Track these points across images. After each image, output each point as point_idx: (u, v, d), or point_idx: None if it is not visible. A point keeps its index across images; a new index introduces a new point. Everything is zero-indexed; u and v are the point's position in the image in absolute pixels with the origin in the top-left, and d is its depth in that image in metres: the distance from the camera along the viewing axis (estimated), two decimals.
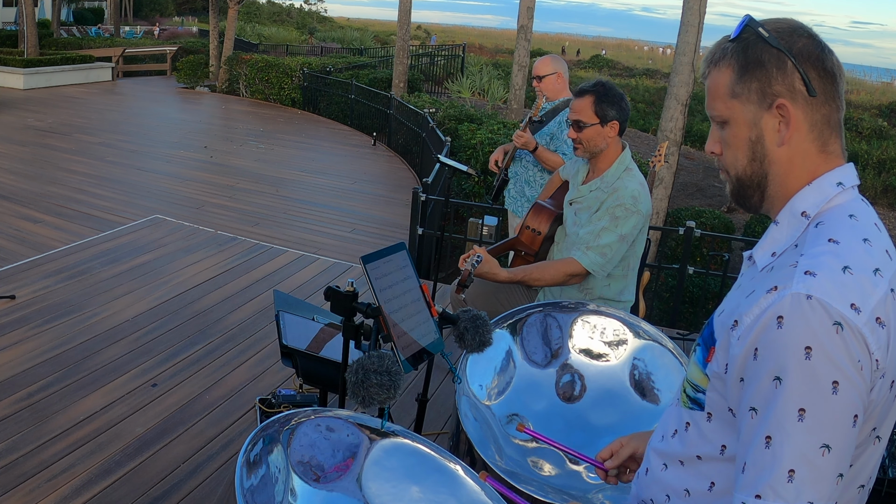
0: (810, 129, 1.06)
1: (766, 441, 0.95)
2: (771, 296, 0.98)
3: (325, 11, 46.76)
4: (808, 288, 0.95)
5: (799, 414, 0.93)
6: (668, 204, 8.83)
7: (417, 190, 5.38)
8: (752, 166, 1.11)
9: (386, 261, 1.75)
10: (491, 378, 2.18)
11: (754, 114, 1.08)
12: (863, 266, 0.98)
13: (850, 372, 0.92)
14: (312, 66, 15.34)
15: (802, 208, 1.07)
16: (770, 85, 1.06)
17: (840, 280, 0.95)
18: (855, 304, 0.94)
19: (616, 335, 2.29)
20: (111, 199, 6.99)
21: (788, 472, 0.93)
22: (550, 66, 3.91)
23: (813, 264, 0.98)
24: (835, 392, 0.92)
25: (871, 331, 0.94)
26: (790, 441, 0.93)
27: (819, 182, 1.07)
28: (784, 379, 0.94)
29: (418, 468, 1.64)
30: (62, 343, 3.66)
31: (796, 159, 1.08)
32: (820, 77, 1.05)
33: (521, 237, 3.01)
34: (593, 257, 2.57)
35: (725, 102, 1.10)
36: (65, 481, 2.62)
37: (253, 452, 1.40)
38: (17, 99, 13.20)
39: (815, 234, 1.04)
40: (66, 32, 24.09)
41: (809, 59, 1.05)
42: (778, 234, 1.09)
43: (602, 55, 34.86)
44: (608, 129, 2.63)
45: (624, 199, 2.57)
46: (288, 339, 2.41)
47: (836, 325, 0.92)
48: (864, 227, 1.04)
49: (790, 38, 1.06)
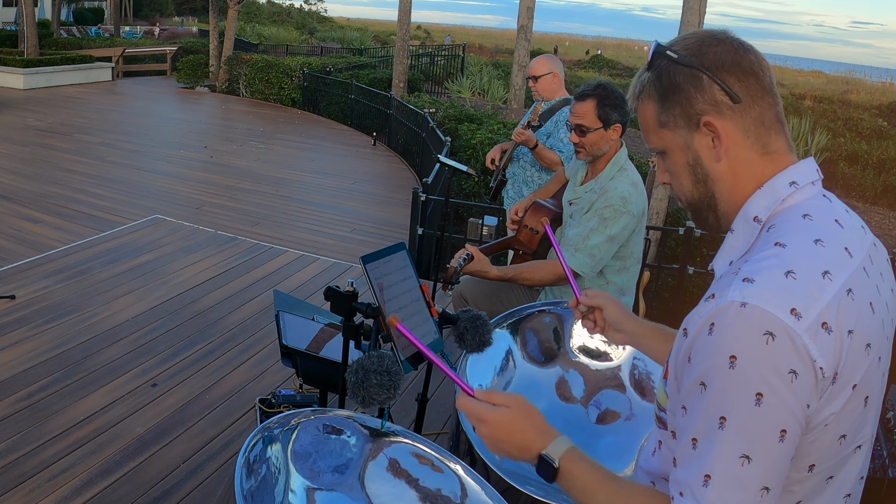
0: (744, 135, 1.03)
1: (692, 442, 0.95)
2: (709, 303, 0.96)
3: (325, 11, 46.81)
4: (744, 295, 0.92)
5: (720, 422, 0.91)
6: (668, 204, 8.82)
7: (417, 190, 5.38)
8: (698, 188, 1.09)
9: (386, 261, 1.75)
10: (491, 378, 2.18)
11: (685, 138, 1.06)
12: (809, 269, 0.94)
13: (777, 385, 0.89)
14: (312, 66, 15.34)
15: (754, 213, 1.04)
16: (691, 105, 1.04)
17: (781, 285, 0.92)
18: (796, 310, 0.90)
19: None
20: (111, 199, 6.99)
21: (704, 477, 0.93)
22: (546, 67, 3.91)
23: (753, 270, 0.95)
24: (758, 404, 0.89)
25: (812, 337, 0.90)
26: (710, 447, 0.92)
27: (770, 184, 1.04)
28: (707, 385, 0.93)
29: (418, 468, 1.65)
30: (62, 343, 3.66)
31: (739, 170, 1.05)
32: (740, 80, 1.02)
33: (520, 236, 3.01)
34: (582, 258, 2.57)
35: (657, 134, 1.09)
36: (65, 481, 2.62)
37: (253, 453, 1.40)
38: (17, 99, 13.20)
39: (764, 239, 1.01)
40: (66, 32, 24.09)
41: (724, 66, 1.02)
42: (734, 241, 1.07)
43: (599, 54, 34.85)
44: (611, 133, 2.62)
45: (612, 200, 2.56)
46: (288, 339, 2.41)
47: (766, 335, 0.89)
48: (819, 226, 1.00)
49: (699, 52, 1.03)
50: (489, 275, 2.56)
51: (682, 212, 8.88)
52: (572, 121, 2.67)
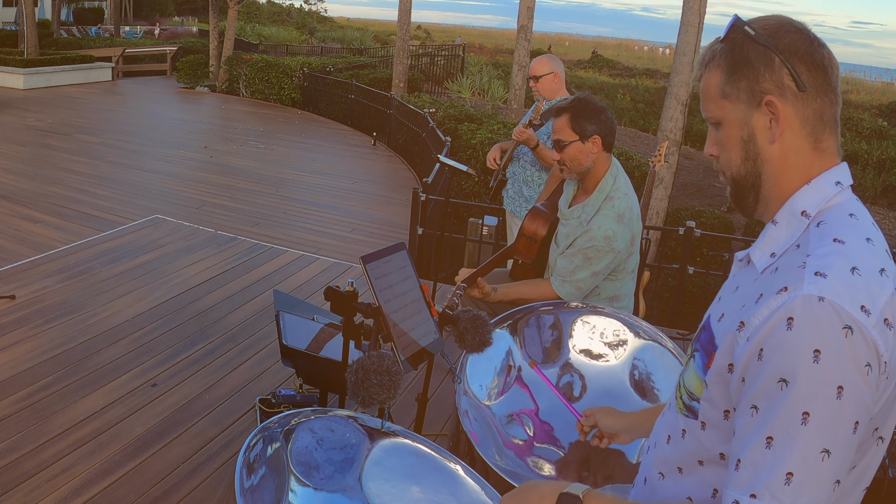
0: (802, 124, 1.05)
1: (766, 441, 0.94)
2: (781, 296, 0.96)
3: (325, 11, 46.74)
4: (820, 289, 0.93)
5: (803, 417, 0.91)
6: (668, 204, 8.82)
7: (417, 190, 5.38)
8: (746, 166, 1.10)
9: (386, 261, 1.75)
10: (491, 378, 2.18)
11: (744, 113, 1.08)
12: (869, 266, 0.97)
13: (856, 377, 0.91)
14: (312, 66, 15.33)
15: (802, 207, 1.05)
16: (758, 83, 1.05)
17: (850, 281, 0.94)
18: (865, 307, 0.92)
19: (616, 335, 2.29)
20: (111, 199, 6.99)
21: (787, 475, 0.92)
22: (547, 67, 3.90)
23: (822, 265, 0.96)
24: (839, 397, 0.91)
25: (880, 332, 0.93)
26: (792, 444, 0.92)
27: (818, 181, 1.06)
28: (791, 381, 0.93)
29: (418, 468, 1.65)
30: (62, 343, 3.66)
31: (789, 156, 1.07)
32: (809, 71, 1.03)
33: (518, 245, 2.97)
34: (569, 289, 2.63)
35: (717, 103, 1.10)
36: (65, 481, 2.62)
37: (253, 452, 1.40)
38: (17, 99, 13.20)
39: (818, 234, 1.02)
40: (66, 32, 24.07)
41: (797, 54, 1.04)
42: (777, 233, 1.07)
43: (596, 53, 34.81)
44: (590, 145, 2.57)
45: (596, 241, 2.55)
46: (288, 339, 2.41)
47: (846, 329, 0.91)
48: (865, 226, 1.03)
49: (777, 34, 1.05)
50: (490, 301, 2.63)
51: (683, 212, 8.89)
52: (552, 137, 2.65)
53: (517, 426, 2.09)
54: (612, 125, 2.62)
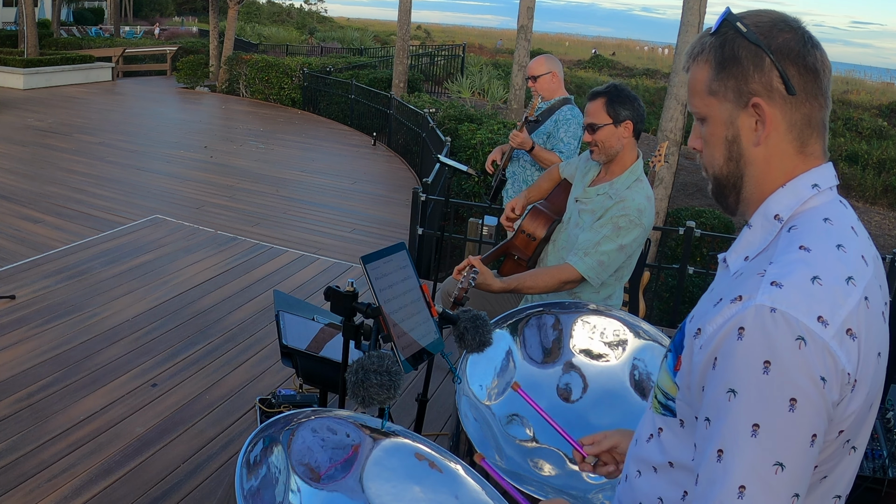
0: (788, 128, 1.02)
1: (717, 454, 0.93)
2: (735, 305, 0.94)
3: (325, 11, 46.75)
4: (773, 300, 0.91)
5: (752, 429, 0.90)
6: (668, 204, 8.83)
7: (417, 190, 5.38)
8: (729, 166, 1.07)
9: (386, 261, 1.75)
10: (491, 378, 2.18)
11: (731, 112, 1.05)
12: (834, 275, 0.94)
13: (810, 389, 0.89)
14: (312, 66, 15.33)
15: (775, 211, 1.03)
16: (746, 83, 1.02)
17: (808, 291, 0.91)
18: (822, 317, 0.90)
19: (616, 335, 2.29)
20: (111, 199, 6.99)
21: (739, 489, 0.90)
22: (545, 66, 3.91)
23: (780, 273, 0.94)
24: (792, 410, 0.88)
25: (839, 344, 0.90)
26: (742, 456, 0.90)
27: (793, 184, 1.03)
28: (739, 392, 0.91)
29: (418, 468, 1.64)
30: (62, 343, 3.66)
31: (773, 160, 1.04)
32: (800, 74, 1.00)
33: (516, 241, 2.98)
34: (590, 263, 2.55)
35: (703, 99, 1.07)
36: (65, 481, 2.62)
37: (253, 453, 1.40)
38: (17, 99, 13.20)
39: (786, 240, 0.99)
40: (66, 32, 24.07)
41: (789, 56, 1.00)
42: (751, 237, 1.05)
43: (595, 53, 34.81)
44: (622, 130, 2.62)
45: (629, 211, 2.56)
46: (288, 339, 2.41)
47: (798, 340, 0.89)
48: (839, 231, 0.99)
49: (769, 33, 1.01)
50: (492, 287, 2.54)
51: (683, 211, 8.89)
52: (585, 121, 2.68)
53: (517, 426, 2.09)
54: (643, 114, 2.67)
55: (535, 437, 2.08)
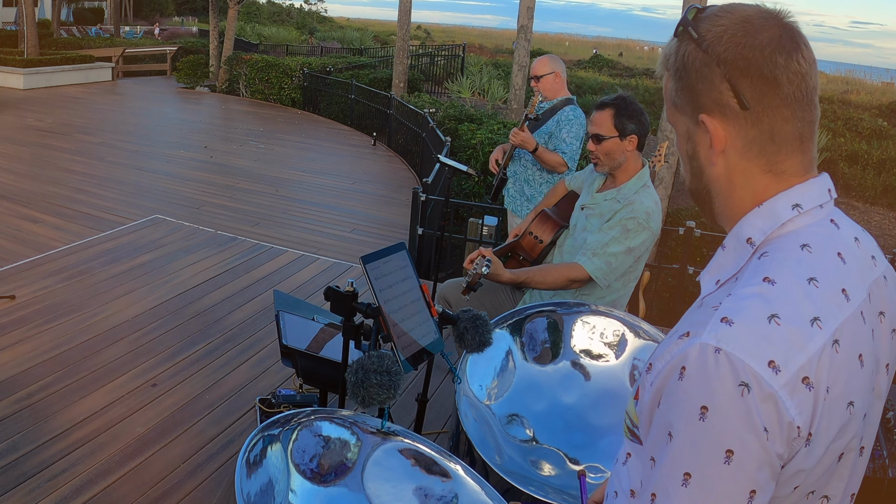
0: (746, 146, 0.91)
1: (651, 498, 0.86)
2: (682, 342, 0.85)
3: (325, 11, 46.73)
4: (719, 339, 0.81)
5: (684, 479, 0.82)
6: (668, 204, 8.83)
7: (417, 190, 5.38)
8: (694, 181, 0.99)
9: (386, 261, 1.75)
10: (491, 378, 2.18)
11: (688, 126, 0.95)
12: (797, 314, 0.82)
13: (750, 441, 0.79)
14: (312, 66, 15.33)
15: (748, 234, 0.92)
16: (698, 96, 0.92)
17: (762, 332, 0.81)
18: (774, 362, 0.79)
19: (616, 335, 2.29)
20: (111, 199, 6.99)
21: None
22: (548, 66, 3.91)
23: (733, 309, 0.83)
24: (727, 462, 0.80)
25: (789, 393, 0.79)
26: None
27: (770, 204, 0.91)
28: (674, 436, 0.83)
29: (418, 468, 1.65)
30: (62, 343, 3.66)
31: (736, 179, 0.93)
32: (754, 86, 0.88)
33: (523, 242, 3.01)
34: (598, 263, 2.57)
35: (671, 110, 0.99)
36: (65, 481, 2.62)
37: (253, 452, 1.40)
38: (17, 99, 13.20)
39: (754, 269, 0.89)
40: (66, 32, 24.07)
41: (741, 65, 0.87)
42: (724, 259, 0.95)
43: (595, 53, 34.82)
44: (626, 143, 2.63)
45: (638, 214, 2.58)
46: (288, 339, 2.41)
47: (741, 387, 0.79)
48: (817, 260, 0.87)
49: (721, 39, 0.88)
50: (502, 278, 2.56)
51: (683, 211, 8.89)
52: (590, 130, 2.69)
53: (517, 426, 2.09)
54: (648, 128, 2.69)
55: (534, 437, 2.08)
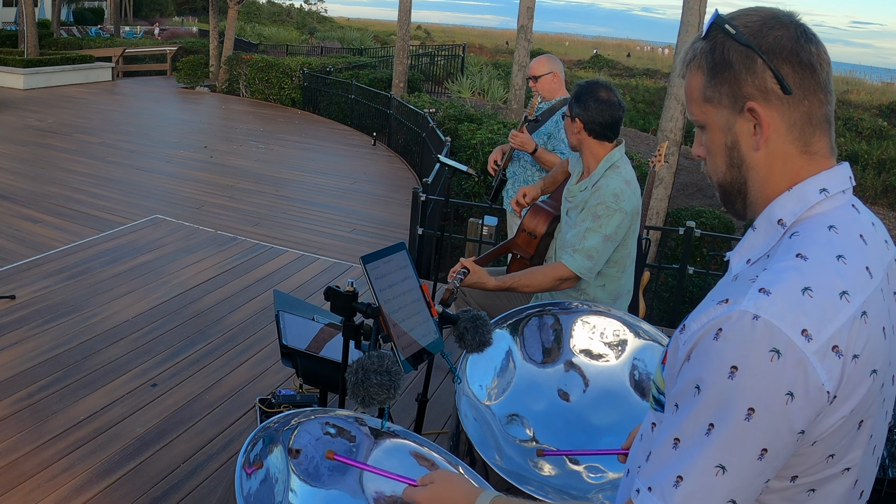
0: (788, 129, 0.99)
1: (674, 441, 0.94)
2: (720, 307, 0.93)
3: (325, 11, 46.72)
4: (758, 307, 0.89)
5: (708, 428, 0.90)
6: (668, 204, 8.83)
7: (417, 190, 5.38)
8: (731, 172, 1.05)
9: (386, 261, 1.75)
10: (491, 378, 2.18)
11: (727, 118, 1.02)
12: (828, 287, 0.91)
13: (773, 404, 0.88)
14: (312, 66, 15.33)
15: (780, 216, 1.00)
16: (740, 87, 0.99)
17: (797, 302, 0.89)
18: (807, 331, 0.88)
19: (616, 335, 2.29)
20: (111, 199, 6.99)
21: (677, 478, 0.92)
22: (546, 66, 3.90)
23: (771, 281, 0.92)
24: (748, 419, 0.88)
25: (820, 359, 0.88)
26: (692, 450, 0.92)
27: (800, 188, 1.00)
28: (703, 390, 0.91)
29: (418, 468, 1.64)
30: (62, 343, 3.66)
31: (776, 163, 1.01)
32: (795, 72, 0.97)
33: (518, 240, 2.99)
34: (580, 259, 2.55)
35: (700, 107, 1.05)
36: (65, 481, 2.62)
37: (253, 452, 1.40)
38: (17, 99, 13.20)
39: (786, 247, 0.97)
40: (66, 32, 24.07)
41: (782, 54, 0.97)
42: (755, 240, 1.03)
43: (595, 53, 34.82)
44: (574, 126, 2.64)
45: (605, 198, 2.55)
46: (288, 339, 2.41)
47: (773, 353, 0.87)
48: (844, 240, 0.96)
49: (759, 33, 0.98)
50: (487, 286, 2.54)
51: (683, 212, 8.89)
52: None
53: (517, 426, 2.09)
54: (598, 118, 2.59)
55: (534, 437, 2.08)
